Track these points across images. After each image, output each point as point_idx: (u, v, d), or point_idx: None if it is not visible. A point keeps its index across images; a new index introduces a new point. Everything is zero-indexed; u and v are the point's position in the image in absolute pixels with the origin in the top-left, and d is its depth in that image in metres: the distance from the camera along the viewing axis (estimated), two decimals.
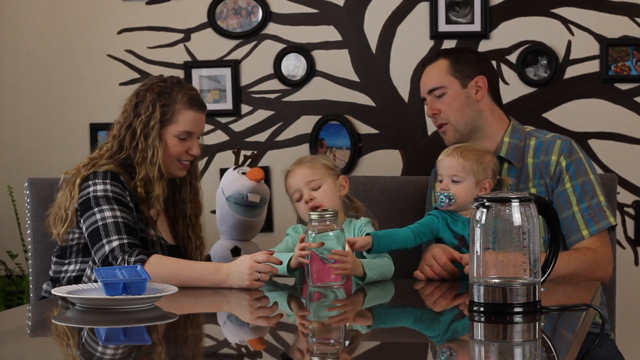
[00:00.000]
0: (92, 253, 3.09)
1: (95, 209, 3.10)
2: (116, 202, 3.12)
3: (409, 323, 2.68)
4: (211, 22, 4.42)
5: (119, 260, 3.00)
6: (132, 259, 2.99)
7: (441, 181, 3.18)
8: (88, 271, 3.18)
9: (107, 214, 3.09)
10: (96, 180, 3.15)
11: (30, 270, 3.57)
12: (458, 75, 3.32)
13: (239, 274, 2.93)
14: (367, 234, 3.09)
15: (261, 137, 4.41)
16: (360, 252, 3.10)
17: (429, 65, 3.39)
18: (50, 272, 3.29)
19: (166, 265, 2.99)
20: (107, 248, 3.04)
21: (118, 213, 3.10)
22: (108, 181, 3.15)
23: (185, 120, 3.24)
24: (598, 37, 4.16)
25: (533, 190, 3.21)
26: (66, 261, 3.23)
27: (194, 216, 3.37)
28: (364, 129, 4.33)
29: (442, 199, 3.14)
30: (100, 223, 3.08)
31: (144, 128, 3.21)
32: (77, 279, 3.19)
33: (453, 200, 3.13)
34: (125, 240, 3.05)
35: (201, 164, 4.27)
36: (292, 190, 3.25)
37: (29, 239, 3.57)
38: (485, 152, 3.21)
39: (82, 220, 3.14)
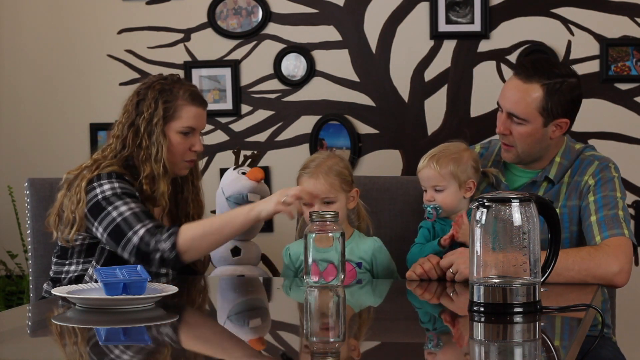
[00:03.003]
0: (120, 250, 3.06)
1: (109, 208, 3.10)
2: (127, 195, 3.12)
3: (408, 322, 2.68)
4: (211, 22, 4.42)
5: (151, 245, 3.00)
6: (164, 236, 3.00)
7: (425, 191, 3.18)
8: (90, 270, 3.17)
9: (123, 208, 3.09)
10: (101, 182, 3.14)
11: (30, 270, 3.57)
12: (545, 113, 3.11)
13: (267, 200, 3.02)
14: None
15: (261, 137, 4.41)
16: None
17: (522, 83, 3.13)
18: (51, 273, 3.28)
19: (197, 224, 3.07)
20: (135, 239, 3.04)
21: (132, 205, 3.10)
22: (114, 180, 3.14)
23: (188, 116, 3.24)
24: (598, 37, 4.16)
25: (557, 211, 2.88)
26: (67, 262, 3.22)
27: (196, 215, 3.37)
28: (364, 129, 4.33)
29: (429, 211, 3.14)
30: (119, 219, 3.07)
31: (147, 125, 3.21)
32: (78, 279, 3.18)
33: (440, 211, 3.14)
34: (149, 225, 3.06)
35: (201, 164, 4.27)
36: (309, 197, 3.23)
37: (29, 239, 3.57)
38: (462, 151, 3.20)
39: (96, 224, 3.11)
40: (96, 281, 2.88)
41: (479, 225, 2.50)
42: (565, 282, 2.93)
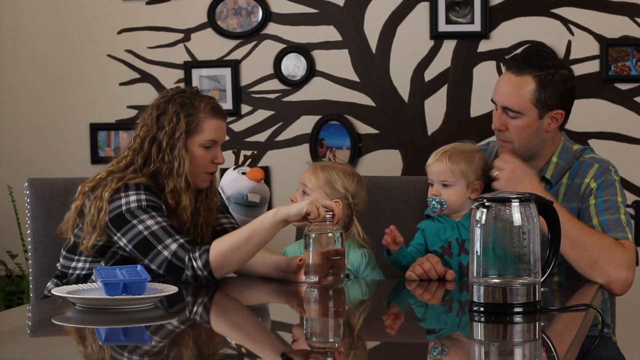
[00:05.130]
0: (147, 261, 3.01)
1: (134, 221, 3.05)
2: (153, 209, 3.07)
3: (408, 322, 2.68)
4: (211, 22, 4.42)
5: (185, 261, 2.97)
6: (197, 254, 2.97)
7: (432, 185, 3.18)
8: (95, 275, 3.14)
9: (149, 222, 3.04)
10: (128, 192, 3.09)
11: (30, 270, 3.57)
12: (539, 105, 3.10)
13: (298, 204, 2.93)
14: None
15: (261, 137, 4.41)
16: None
17: (514, 77, 3.13)
18: (58, 266, 3.25)
19: (225, 239, 3.00)
20: (166, 253, 3.00)
21: (159, 219, 3.05)
22: (141, 192, 3.09)
23: (210, 129, 3.20)
24: (598, 37, 4.16)
25: None
26: (75, 257, 3.20)
27: (204, 225, 3.29)
28: (364, 129, 4.33)
29: (433, 205, 3.14)
30: (146, 232, 3.03)
31: (169, 140, 3.16)
32: (86, 278, 3.16)
33: (445, 206, 3.13)
34: (182, 240, 3.02)
35: None
36: (302, 184, 3.25)
37: (29, 239, 3.57)
38: (474, 151, 3.20)
39: (119, 235, 3.08)
40: (96, 281, 2.88)
41: (479, 225, 2.50)
42: (572, 258, 2.93)
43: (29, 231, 3.57)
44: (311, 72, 4.36)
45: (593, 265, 2.97)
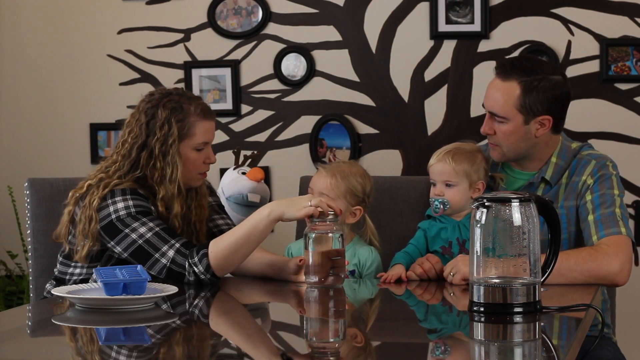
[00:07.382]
0: (146, 269, 3.00)
1: (126, 230, 3.04)
2: (142, 214, 3.06)
3: (408, 322, 2.68)
4: (211, 22, 4.42)
5: (185, 267, 2.97)
6: (196, 259, 2.98)
7: (434, 185, 3.17)
8: (95, 275, 3.14)
9: (142, 229, 3.04)
10: (115, 199, 3.07)
11: (30, 270, 3.57)
12: (524, 111, 3.09)
13: (293, 203, 2.94)
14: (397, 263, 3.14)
15: (261, 137, 4.41)
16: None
17: (500, 82, 3.13)
18: (55, 271, 3.25)
19: (223, 241, 3.00)
20: (164, 260, 3.00)
21: (151, 224, 3.05)
22: (128, 197, 3.08)
23: (201, 132, 3.17)
24: (598, 37, 4.16)
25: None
26: (72, 263, 3.19)
27: (198, 222, 3.29)
28: (364, 129, 4.33)
29: (436, 205, 3.14)
30: (140, 241, 3.03)
31: (161, 146, 3.13)
32: (83, 282, 3.15)
33: (448, 206, 3.13)
34: (177, 244, 3.02)
35: None
36: (310, 187, 3.26)
37: (29, 239, 3.57)
38: (476, 151, 3.20)
39: (113, 243, 3.06)
40: (96, 281, 2.88)
41: (479, 225, 2.50)
42: (568, 283, 2.93)
43: (29, 231, 3.57)
44: (311, 72, 4.36)
45: (590, 278, 2.96)
